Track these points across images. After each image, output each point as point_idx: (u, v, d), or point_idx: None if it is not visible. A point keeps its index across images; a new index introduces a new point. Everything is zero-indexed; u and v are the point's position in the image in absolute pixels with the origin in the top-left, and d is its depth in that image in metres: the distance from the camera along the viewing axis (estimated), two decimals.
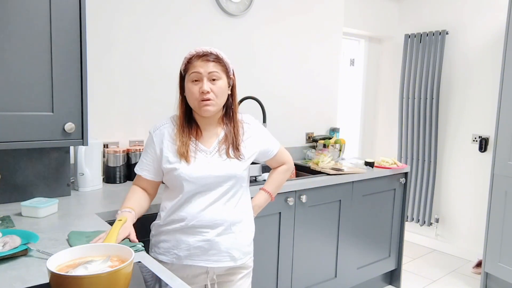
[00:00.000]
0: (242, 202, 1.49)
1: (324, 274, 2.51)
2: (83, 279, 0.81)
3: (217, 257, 1.43)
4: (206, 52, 1.39)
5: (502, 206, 2.83)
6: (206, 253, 1.42)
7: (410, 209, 3.94)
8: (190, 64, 1.40)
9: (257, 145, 1.52)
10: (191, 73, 1.38)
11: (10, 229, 1.28)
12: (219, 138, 1.46)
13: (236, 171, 1.42)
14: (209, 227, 1.40)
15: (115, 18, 2.18)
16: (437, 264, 3.54)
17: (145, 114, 2.33)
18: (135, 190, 1.51)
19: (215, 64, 1.39)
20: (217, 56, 1.41)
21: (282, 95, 2.99)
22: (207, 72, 1.37)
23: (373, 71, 4.17)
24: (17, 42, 1.43)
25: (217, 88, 1.39)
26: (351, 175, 2.52)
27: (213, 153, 1.43)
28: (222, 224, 1.42)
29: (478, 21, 3.47)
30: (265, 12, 2.81)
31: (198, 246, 1.41)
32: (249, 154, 1.48)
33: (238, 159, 1.44)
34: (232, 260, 1.45)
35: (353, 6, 3.60)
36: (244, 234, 1.48)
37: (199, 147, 1.43)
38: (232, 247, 1.44)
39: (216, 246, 1.42)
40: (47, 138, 1.53)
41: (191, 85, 1.39)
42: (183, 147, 1.40)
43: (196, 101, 1.38)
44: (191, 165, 1.39)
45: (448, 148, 3.73)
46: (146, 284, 1.03)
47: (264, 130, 1.58)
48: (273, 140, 1.61)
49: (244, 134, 1.49)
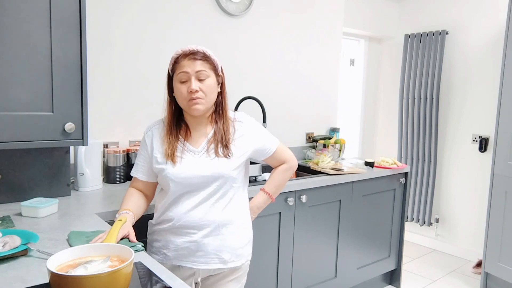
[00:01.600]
0: (233, 203, 1.45)
1: (324, 274, 2.51)
2: (83, 279, 0.81)
3: (205, 258, 1.41)
4: (193, 50, 1.37)
5: (502, 206, 2.83)
6: (194, 255, 1.41)
7: (410, 209, 3.94)
8: (177, 64, 1.38)
9: (251, 144, 1.47)
10: (179, 73, 1.36)
11: (10, 229, 1.28)
12: (208, 137, 1.43)
13: (224, 170, 1.39)
14: (196, 228, 1.39)
15: (115, 18, 2.18)
16: (437, 264, 3.54)
17: (145, 114, 2.33)
18: (132, 192, 1.51)
19: (203, 63, 1.37)
20: (204, 54, 1.38)
21: (282, 95, 2.99)
22: (195, 71, 1.35)
23: (373, 71, 4.17)
24: (17, 42, 1.43)
25: (205, 86, 1.37)
26: (351, 175, 2.52)
27: (202, 153, 1.41)
28: (209, 226, 1.39)
29: (478, 21, 3.47)
30: (265, 12, 2.81)
31: (185, 247, 1.40)
32: (240, 152, 1.44)
33: (226, 157, 1.40)
34: (221, 262, 1.43)
35: (353, 6, 3.60)
36: (235, 236, 1.45)
37: (187, 147, 1.42)
38: (220, 249, 1.42)
39: (203, 248, 1.40)
40: (47, 138, 1.52)
41: (180, 85, 1.37)
42: (169, 149, 1.40)
43: (185, 100, 1.37)
44: (177, 165, 1.38)
45: (448, 148, 3.73)
46: (146, 284, 1.03)
47: (259, 127, 1.52)
48: (270, 138, 1.55)
49: (235, 132, 1.45)
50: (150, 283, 1.03)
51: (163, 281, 1.02)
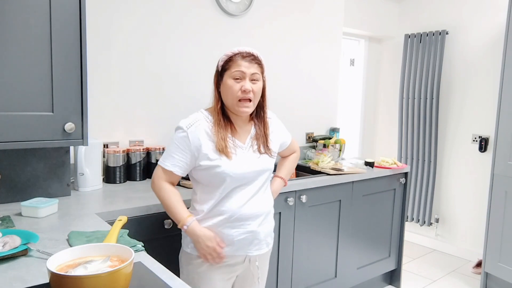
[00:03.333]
0: (269, 192, 1.62)
1: (324, 274, 2.51)
2: (83, 279, 0.81)
3: (258, 246, 1.55)
4: (249, 53, 1.46)
5: (502, 206, 2.83)
6: (251, 243, 1.52)
7: (410, 209, 3.94)
8: (233, 62, 1.44)
9: (278, 139, 1.64)
10: (235, 71, 1.43)
11: (10, 229, 1.28)
12: (251, 135, 1.53)
13: (269, 165, 1.54)
14: (251, 219, 1.49)
15: (115, 18, 2.18)
16: (437, 264, 3.54)
17: (145, 114, 2.33)
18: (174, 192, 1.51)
19: (258, 67, 1.47)
20: (259, 59, 1.48)
21: (282, 95, 2.99)
22: (251, 72, 1.44)
23: (373, 71, 4.17)
24: (17, 42, 1.43)
25: (257, 89, 1.46)
26: (351, 175, 2.52)
27: (248, 149, 1.50)
28: (261, 215, 1.52)
29: (478, 21, 3.47)
30: (265, 12, 2.81)
31: (242, 238, 1.49)
32: (275, 148, 1.60)
33: (269, 155, 1.54)
34: (267, 246, 1.60)
35: (353, 6, 3.60)
36: (272, 221, 1.63)
37: (236, 142, 1.48)
38: (267, 234, 1.58)
39: (258, 236, 1.53)
40: (47, 138, 1.52)
41: (233, 82, 1.43)
42: (222, 142, 1.43)
43: (236, 98, 1.44)
44: (233, 161, 1.44)
45: (448, 148, 3.73)
46: (146, 284, 1.03)
47: (280, 123, 1.69)
48: (287, 132, 1.74)
49: (270, 131, 1.59)
50: (150, 283, 1.03)
51: (163, 281, 1.02)
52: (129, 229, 1.46)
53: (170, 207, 1.49)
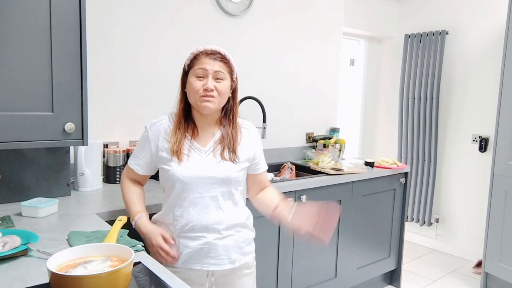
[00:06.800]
0: (238, 205, 1.47)
1: (324, 274, 2.51)
2: (83, 279, 0.81)
3: (215, 260, 1.42)
4: (215, 50, 1.39)
5: (502, 206, 2.82)
6: (206, 256, 1.41)
7: (410, 209, 3.94)
8: (197, 60, 1.39)
9: (251, 149, 1.49)
10: (197, 68, 1.37)
11: (10, 229, 1.28)
12: (215, 138, 1.44)
13: (230, 173, 1.40)
14: (209, 231, 1.39)
15: (114, 18, 2.18)
16: (437, 264, 3.54)
17: (145, 114, 2.33)
18: (132, 188, 1.51)
19: (222, 64, 1.39)
20: (225, 57, 1.41)
21: (282, 95, 2.99)
22: (213, 70, 1.36)
23: (373, 71, 4.17)
24: (17, 42, 1.43)
25: (220, 87, 1.37)
26: (351, 175, 2.52)
27: (208, 153, 1.41)
28: (222, 228, 1.41)
29: (478, 21, 3.47)
30: (265, 12, 2.81)
31: (197, 250, 1.40)
32: (244, 158, 1.45)
33: (232, 161, 1.41)
34: (230, 262, 1.44)
35: (353, 6, 3.60)
36: (243, 236, 1.48)
37: (194, 145, 1.41)
38: (232, 250, 1.44)
39: (215, 249, 1.41)
40: (47, 138, 1.52)
41: (195, 80, 1.37)
42: (176, 144, 1.38)
43: (197, 96, 1.36)
44: (183, 163, 1.37)
45: (448, 148, 3.73)
46: (146, 284, 1.03)
47: (260, 142, 1.56)
48: (263, 158, 1.57)
49: (241, 138, 1.47)
50: (150, 283, 1.03)
51: (163, 281, 1.02)
52: (129, 229, 1.46)
53: (125, 203, 1.50)
